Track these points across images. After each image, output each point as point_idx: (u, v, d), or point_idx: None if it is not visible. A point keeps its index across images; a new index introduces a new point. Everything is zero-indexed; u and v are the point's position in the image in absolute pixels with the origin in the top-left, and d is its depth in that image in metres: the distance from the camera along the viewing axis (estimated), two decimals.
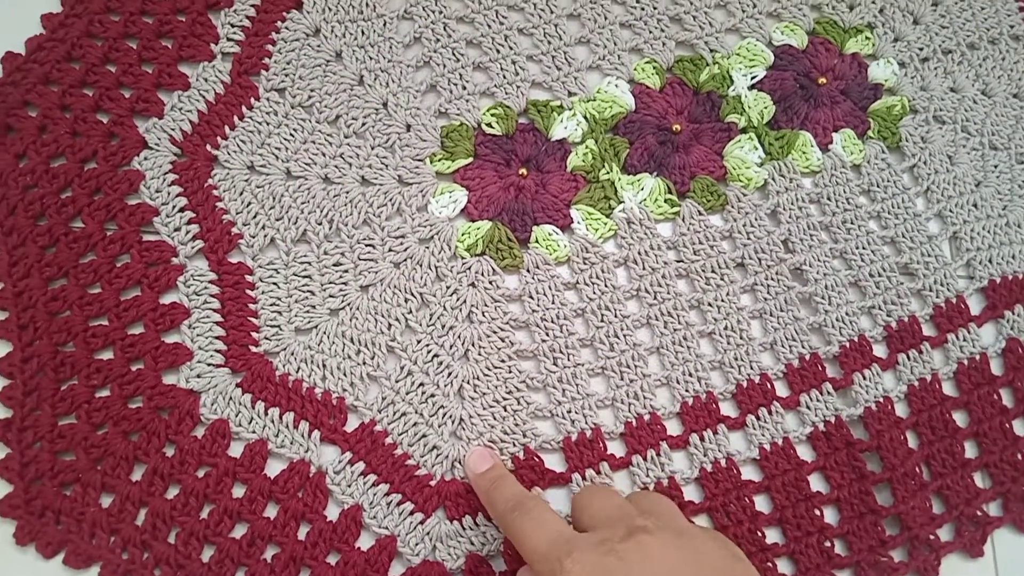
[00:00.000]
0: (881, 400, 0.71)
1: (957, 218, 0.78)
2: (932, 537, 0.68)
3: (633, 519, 0.54)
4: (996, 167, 0.80)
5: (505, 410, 0.69)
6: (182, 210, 0.71)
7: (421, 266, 0.72)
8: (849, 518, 0.68)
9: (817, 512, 0.68)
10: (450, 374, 0.69)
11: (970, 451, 0.71)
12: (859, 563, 0.67)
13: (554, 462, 0.68)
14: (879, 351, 0.73)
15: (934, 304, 0.75)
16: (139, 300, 0.69)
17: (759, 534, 0.67)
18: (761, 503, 0.69)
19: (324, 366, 0.68)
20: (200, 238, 0.71)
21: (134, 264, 0.69)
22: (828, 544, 0.67)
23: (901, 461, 0.69)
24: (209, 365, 0.68)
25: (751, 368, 0.71)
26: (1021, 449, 0.72)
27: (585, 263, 0.73)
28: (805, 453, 0.70)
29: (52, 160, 0.72)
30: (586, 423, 0.69)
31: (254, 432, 0.66)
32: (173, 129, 0.74)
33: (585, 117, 0.78)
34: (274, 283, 0.70)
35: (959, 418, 0.72)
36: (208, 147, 0.73)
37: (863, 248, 0.76)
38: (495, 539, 0.65)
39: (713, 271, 0.74)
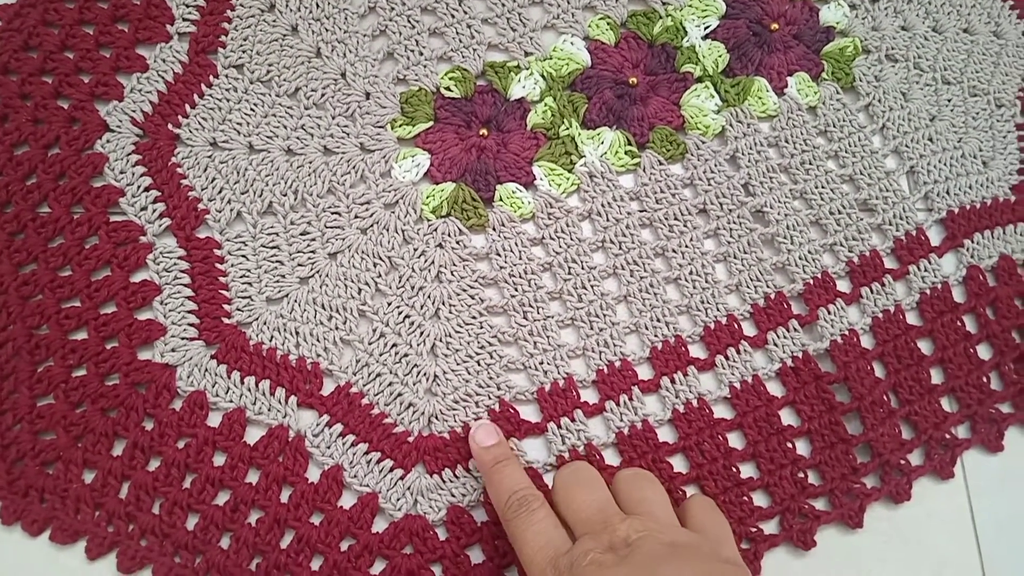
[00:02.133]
0: (846, 333, 0.72)
1: (913, 153, 0.79)
2: (903, 462, 0.70)
3: (615, 528, 0.54)
4: (949, 101, 0.82)
5: (479, 364, 0.70)
6: (147, 189, 0.72)
7: (388, 230, 0.73)
8: (821, 448, 0.69)
9: (789, 445, 0.69)
10: (422, 333, 0.70)
11: (936, 377, 0.73)
12: (832, 491, 0.69)
13: (529, 413, 0.69)
14: (843, 286, 0.75)
15: (894, 237, 0.76)
16: (110, 280, 0.69)
17: (734, 469, 0.68)
18: (734, 440, 0.70)
19: (297, 333, 0.69)
20: (167, 216, 0.72)
21: (103, 245, 0.70)
22: (802, 475, 0.69)
23: (869, 390, 0.70)
24: (183, 339, 0.69)
25: (718, 310, 0.73)
26: (986, 372, 0.73)
27: (550, 218, 0.74)
28: (775, 389, 0.71)
29: (15, 148, 0.72)
30: (559, 373, 0.70)
31: (231, 401, 0.67)
32: (134, 111, 0.74)
33: (542, 76, 0.79)
34: (243, 255, 0.71)
35: (924, 346, 0.73)
36: (170, 126, 0.74)
37: (822, 187, 0.77)
38: (475, 490, 0.67)
39: (676, 218, 0.75)
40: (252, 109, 0.75)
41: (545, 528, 0.57)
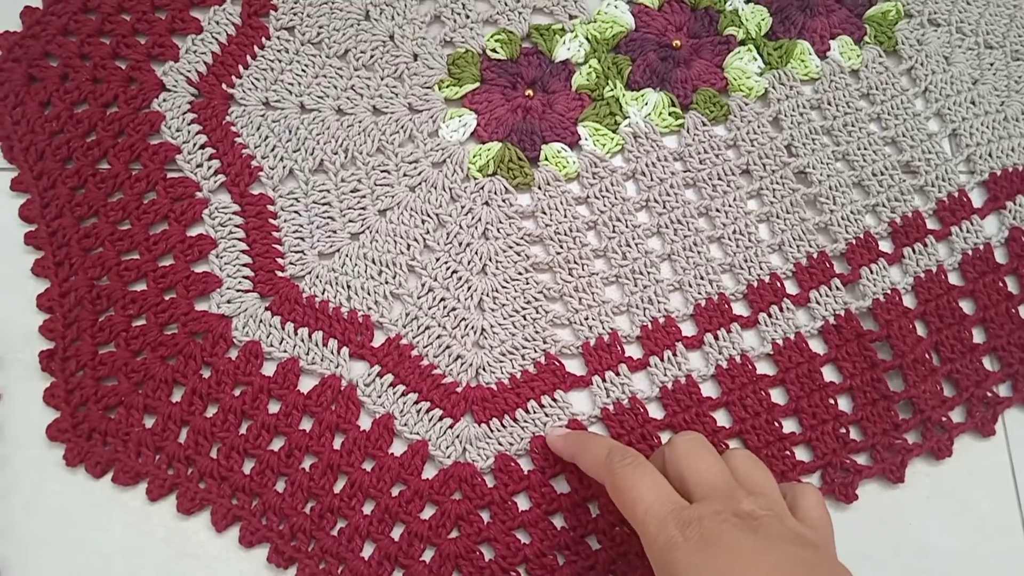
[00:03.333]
0: (889, 292, 0.73)
1: (956, 115, 0.79)
2: (944, 419, 0.70)
3: (740, 499, 0.51)
4: (992, 65, 0.82)
5: (524, 319, 0.71)
6: (202, 147, 0.74)
7: (436, 188, 0.74)
8: (863, 405, 0.70)
9: (831, 401, 0.70)
10: (470, 288, 0.72)
11: (978, 337, 0.73)
12: (874, 446, 0.70)
13: (575, 367, 0.71)
14: (885, 246, 0.75)
15: (937, 199, 0.77)
16: (167, 234, 0.71)
17: (776, 424, 0.69)
18: (777, 396, 0.71)
19: (348, 287, 0.71)
20: (221, 172, 0.74)
21: (160, 200, 0.72)
22: (843, 431, 0.70)
23: (911, 348, 0.71)
24: (238, 291, 0.71)
25: (760, 269, 0.74)
26: None
27: (594, 177, 0.75)
28: (817, 346, 0.72)
29: (75, 106, 0.74)
30: (603, 328, 0.71)
31: (285, 351, 0.69)
32: (189, 71, 0.76)
33: (587, 38, 0.80)
34: (295, 211, 0.73)
35: (966, 306, 0.74)
36: (224, 86, 0.76)
37: (864, 149, 0.77)
38: (522, 439, 0.68)
39: (719, 178, 0.76)
40: (303, 70, 0.77)
41: (659, 481, 0.53)
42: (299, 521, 0.65)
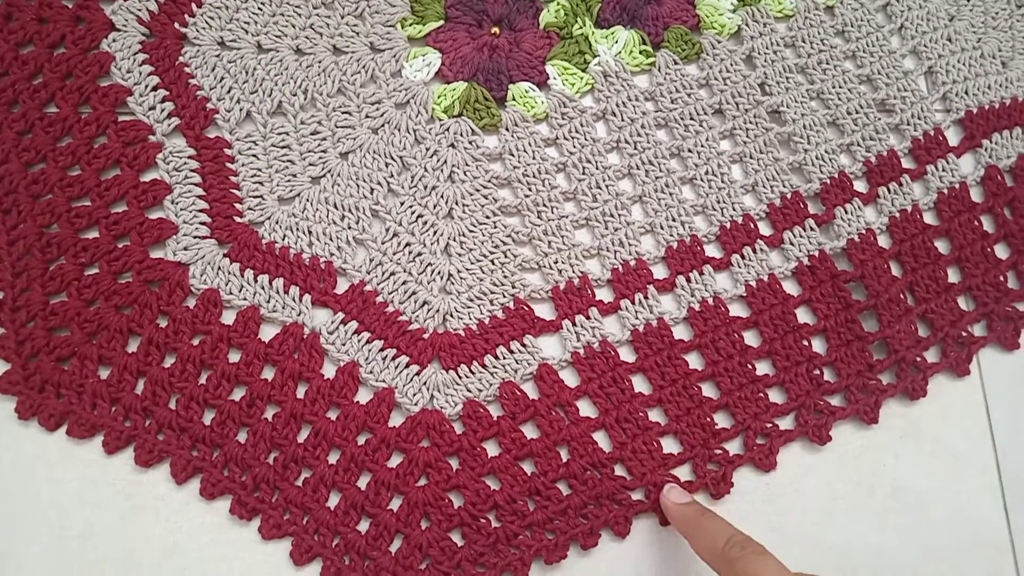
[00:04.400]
0: (863, 232, 0.72)
1: (932, 53, 0.78)
2: (919, 359, 0.70)
3: None
4: (968, 0, 0.80)
5: (492, 263, 0.69)
6: (155, 89, 0.71)
7: (399, 130, 0.72)
8: (837, 346, 0.69)
9: (805, 342, 0.69)
10: (436, 232, 0.70)
11: (953, 276, 0.72)
12: (848, 387, 0.69)
13: (544, 311, 0.69)
14: (859, 186, 0.74)
15: (912, 137, 0.75)
16: (120, 179, 0.69)
17: (749, 366, 0.68)
18: (750, 338, 0.70)
19: (310, 232, 0.69)
20: (175, 115, 0.71)
21: (112, 144, 0.69)
22: (817, 372, 0.69)
23: (885, 288, 0.70)
24: (195, 238, 0.68)
25: (734, 210, 0.72)
26: (1003, 271, 0.73)
27: (564, 118, 0.73)
28: (791, 288, 0.71)
29: (20, 47, 0.71)
30: (573, 272, 0.70)
31: (245, 299, 0.67)
32: (139, 10, 0.73)
33: None
34: (253, 155, 0.71)
35: (941, 245, 0.73)
36: (176, 25, 0.73)
37: (839, 87, 0.76)
38: (491, 385, 0.66)
39: (691, 118, 0.74)
40: (260, 8, 0.74)
41: (780, 567, 0.53)
42: (262, 472, 0.63)
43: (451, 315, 0.68)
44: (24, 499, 0.62)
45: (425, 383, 0.66)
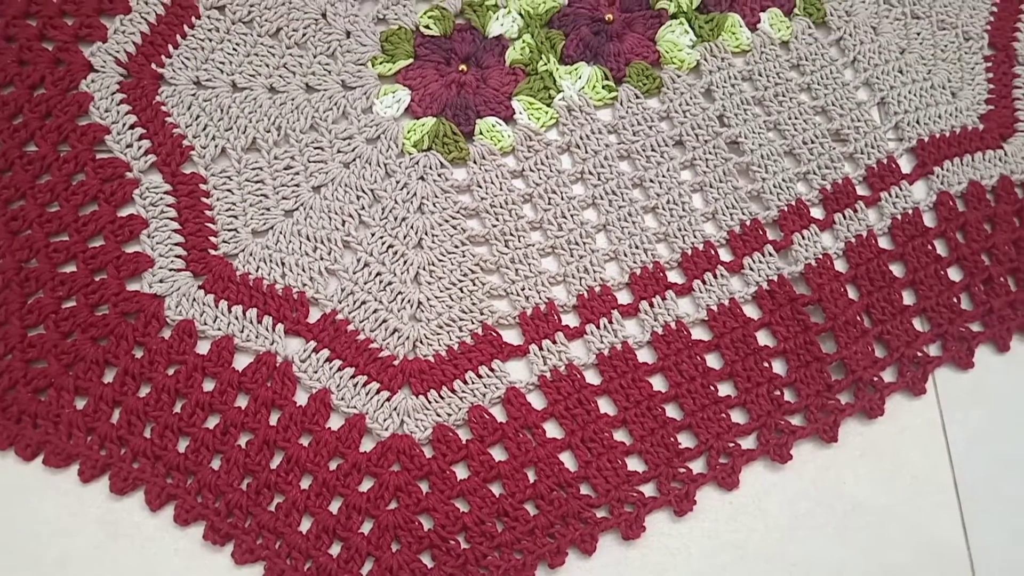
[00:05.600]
0: (820, 257, 0.74)
1: (884, 84, 0.81)
2: (876, 379, 0.72)
3: None
4: (919, 34, 0.83)
5: (461, 291, 0.71)
6: (132, 127, 0.74)
7: (370, 164, 0.74)
8: (796, 367, 0.71)
9: (765, 364, 0.71)
10: (406, 262, 0.72)
11: (908, 298, 0.75)
12: (808, 407, 0.71)
13: (512, 336, 0.71)
14: (816, 213, 0.77)
15: (866, 166, 0.78)
16: (97, 214, 0.71)
17: (712, 388, 0.70)
18: (712, 360, 0.72)
19: (283, 264, 0.71)
20: (152, 152, 0.73)
21: (89, 181, 0.71)
22: (778, 392, 0.71)
23: (842, 310, 0.72)
24: (171, 270, 0.70)
25: (695, 237, 0.75)
26: (956, 293, 0.75)
27: (529, 151, 0.76)
28: (751, 311, 0.73)
29: (1, 88, 0.73)
30: (540, 298, 0.72)
31: (219, 329, 0.69)
32: (118, 51, 0.75)
33: (520, 14, 0.80)
34: (228, 189, 0.73)
35: (896, 269, 0.75)
36: (153, 66, 0.75)
37: (795, 118, 0.79)
38: (460, 409, 0.68)
39: (653, 150, 0.77)
40: (234, 49, 0.77)
41: None
42: (235, 497, 0.64)
43: (421, 342, 0.70)
44: (1, 528, 0.63)
45: (395, 408, 0.68)
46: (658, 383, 0.71)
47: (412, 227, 0.73)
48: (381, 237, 0.72)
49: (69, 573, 0.63)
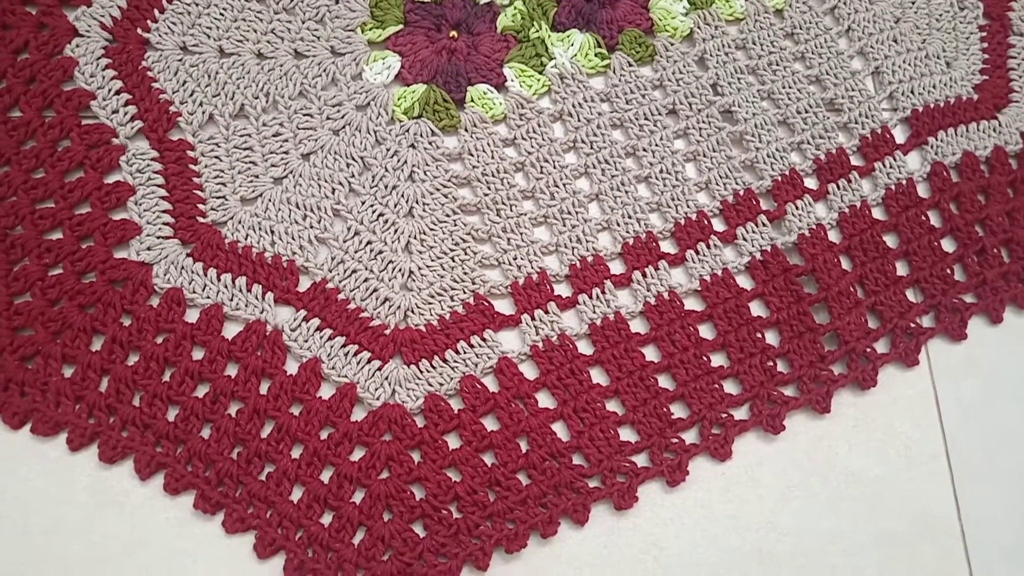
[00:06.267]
0: (814, 227, 0.74)
1: (878, 53, 0.80)
2: (869, 350, 0.71)
3: None
4: (913, 3, 0.83)
5: (453, 260, 0.71)
6: (118, 92, 0.72)
7: (360, 132, 0.73)
8: (789, 338, 0.71)
9: (759, 335, 0.71)
10: (396, 231, 0.71)
11: (901, 269, 0.74)
12: (801, 378, 0.70)
13: (504, 306, 0.70)
14: (810, 183, 0.76)
15: (860, 135, 0.77)
16: (83, 181, 0.70)
17: (704, 358, 0.70)
18: (705, 331, 0.71)
19: (272, 232, 0.70)
20: (139, 118, 0.72)
21: (75, 147, 0.70)
22: (771, 363, 0.70)
23: (835, 281, 0.72)
24: (159, 238, 0.69)
25: (688, 207, 0.74)
26: (950, 264, 0.75)
27: (521, 119, 0.75)
28: (744, 282, 0.73)
29: None
30: (532, 268, 0.71)
31: (208, 298, 0.68)
32: (103, 15, 0.74)
33: None
34: (216, 156, 0.72)
35: (889, 240, 0.75)
36: (139, 31, 0.74)
37: (789, 87, 0.78)
38: (452, 379, 0.68)
39: (646, 118, 0.76)
40: (222, 13, 0.75)
41: None
42: (226, 466, 0.64)
43: (412, 311, 0.69)
44: None
45: (387, 378, 0.67)
46: (651, 353, 0.70)
47: (403, 195, 0.72)
48: (371, 205, 0.71)
49: (58, 542, 0.63)
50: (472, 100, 0.75)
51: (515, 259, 0.71)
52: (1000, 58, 0.82)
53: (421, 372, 0.68)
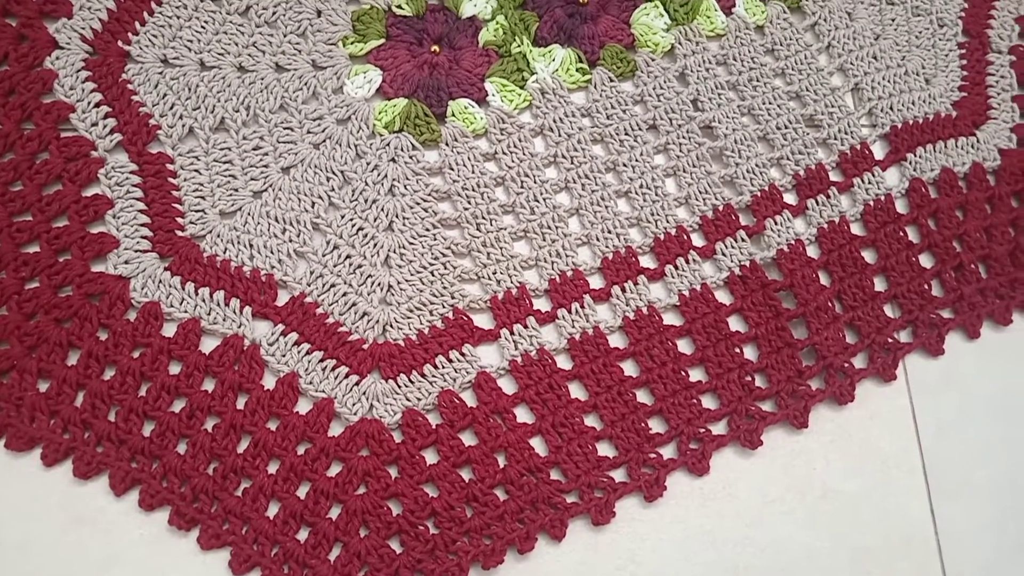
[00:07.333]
0: (793, 242, 0.74)
1: (858, 70, 0.81)
2: (846, 365, 0.72)
3: None
4: (893, 20, 0.83)
5: (432, 275, 0.71)
6: (97, 105, 0.72)
7: (341, 145, 0.73)
8: (767, 353, 0.71)
9: (737, 350, 0.71)
10: (376, 245, 0.71)
11: (879, 285, 0.75)
12: (779, 393, 0.71)
13: (483, 321, 0.70)
14: (789, 198, 0.76)
15: (839, 151, 0.78)
16: (61, 194, 0.70)
17: (683, 373, 0.70)
18: (683, 346, 0.71)
19: (251, 246, 0.70)
20: (118, 131, 0.72)
21: (54, 160, 0.70)
22: (749, 378, 0.71)
23: (814, 296, 0.72)
24: (136, 252, 0.69)
25: (667, 222, 0.74)
26: (927, 280, 0.75)
27: (502, 133, 0.75)
28: (723, 297, 0.73)
29: None
30: (511, 282, 0.71)
31: (186, 312, 0.68)
32: (83, 28, 0.74)
33: None
34: (195, 170, 0.72)
35: (868, 255, 0.75)
36: (120, 43, 0.74)
37: (769, 103, 0.78)
38: (430, 393, 0.68)
39: (627, 134, 0.76)
40: (203, 27, 0.75)
41: None
42: (201, 482, 0.64)
43: (391, 325, 0.69)
44: None
45: (364, 393, 0.67)
46: (629, 368, 0.71)
47: (383, 209, 0.72)
48: (351, 219, 0.71)
49: (30, 558, 0.62)
50: (453, 114, 0.75)
51: (495, 273, 0.71)
52: (979, 75, 0.83)
53: (399, 387, 0.68)
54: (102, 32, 0.74)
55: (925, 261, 0.76)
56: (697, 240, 0.74)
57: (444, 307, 0.70)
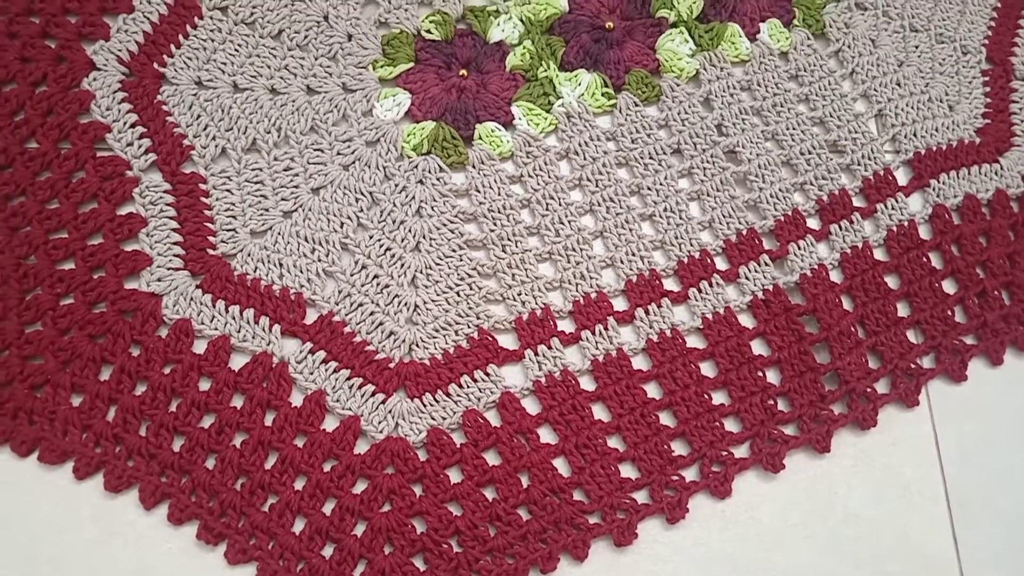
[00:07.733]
0: (816, 267, 0.75)
1: (882, 96, 0.81)
2: (869, 390, 0.72)
3: None
4: (917, 47, 0.84)
5: (458, 295, 0.72)
6: (133, 126, 0.74)
7: (369, 167, 0.75)
8: (790, 377, 0.72)
9: (760, 373, 0.72)
10: (403, 265, 0.72)
11: (902, 310, 0.75)
12: (801, 417, 0.71)
13: (508, 341, 0.71)
14: (812, 223, 0.77)
15: (863, 177, 0.78)
16: (96, 212, 0.71)
17: (705, 396, 0.71)
18: (706, 368, 0.72)
19: (281, 264, 0.71)
20: (152, 151, 0.73)
21: (90, 179, 0.72)
22: (771, 402, 0.71)
23: (836, 321, 0.73)
24: (169, 269, 0.70)
25: (691, 245, 0.75)
26: (951, 306, 0.75)
27: (528, 156, 0.76)
28: (746, 320, 0.73)
29: (3, 85, 0.74)
30: (536, 303, 0.72)
31: (216, 329, 0.69)
32: (120, 50, 0.76)
33: (521, 20, 0.80)
34: (227, 190, 0.73)
35: (891, 281, 0.76)
36: (155, 65, 0.76)
37: (793, 129, 0.79)
38: (455, 413, 0.68)
39: (651, 157, 0.77)
40: (236, 50, 0.77)
41: None
42: (229, 497, 0.65)
43: (417, 345, 0.70)
44: None
45: (390, 411, 0.68)
46: (652, 390, 0.71)
47: (410, 230, 0.73)
48: (379, 240, 0.73)
49: (62, 571, 0.63)
50: (480, 137, 0.76)
51: (519, 294, 0.72)
52: (1002, 102, 0.83)
53: (424, 406, 0.69)
54: (138, 54, 0.75)
55: (948, 287, 0.76)
56: (721, 264, 0.75)
57: (469, 327, 0.71)
